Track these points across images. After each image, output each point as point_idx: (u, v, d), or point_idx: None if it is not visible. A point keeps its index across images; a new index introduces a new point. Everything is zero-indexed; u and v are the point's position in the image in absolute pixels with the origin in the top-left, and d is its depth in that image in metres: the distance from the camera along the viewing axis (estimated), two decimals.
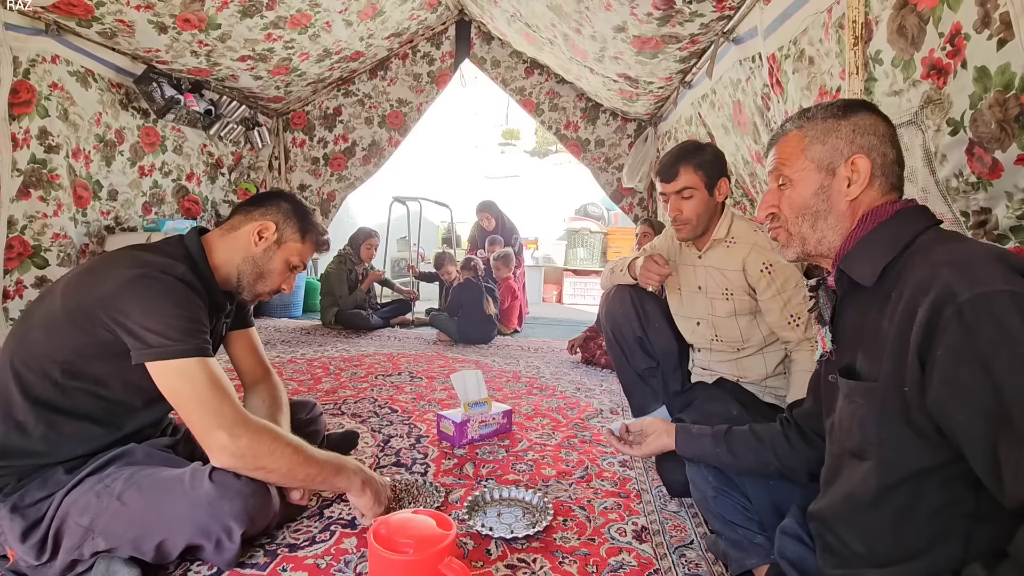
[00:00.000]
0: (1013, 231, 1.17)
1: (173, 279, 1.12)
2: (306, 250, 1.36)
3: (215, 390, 1.09)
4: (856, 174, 0.84)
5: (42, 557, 1.04)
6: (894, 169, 0.86)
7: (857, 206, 0.85)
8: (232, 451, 1.07)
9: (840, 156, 0.86)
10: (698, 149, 1.63)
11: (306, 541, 1.26)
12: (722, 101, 2.66)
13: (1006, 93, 1.03)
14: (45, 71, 2.67)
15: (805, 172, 0.88)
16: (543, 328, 4.72)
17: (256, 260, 1.31)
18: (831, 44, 1.60)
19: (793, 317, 1.56)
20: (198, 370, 1.09)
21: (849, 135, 0.85)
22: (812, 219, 0.88)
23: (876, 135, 0.85)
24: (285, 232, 1.33)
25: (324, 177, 5.07)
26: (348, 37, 3.95)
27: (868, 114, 0.87)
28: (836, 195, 0.86)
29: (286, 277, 1.36)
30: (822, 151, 0.87)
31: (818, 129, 0.88)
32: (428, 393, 2.52)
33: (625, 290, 1.93)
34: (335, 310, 4.17)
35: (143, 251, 1.19)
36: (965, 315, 0.62)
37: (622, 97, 4.02)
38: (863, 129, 0.85)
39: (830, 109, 0.89)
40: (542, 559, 1.22)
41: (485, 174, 9.52)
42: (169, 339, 1.07)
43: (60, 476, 1.08)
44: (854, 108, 0.88)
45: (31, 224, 2.68)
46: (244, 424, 1.09)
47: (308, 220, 1.37)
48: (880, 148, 0.85)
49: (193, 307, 1.13)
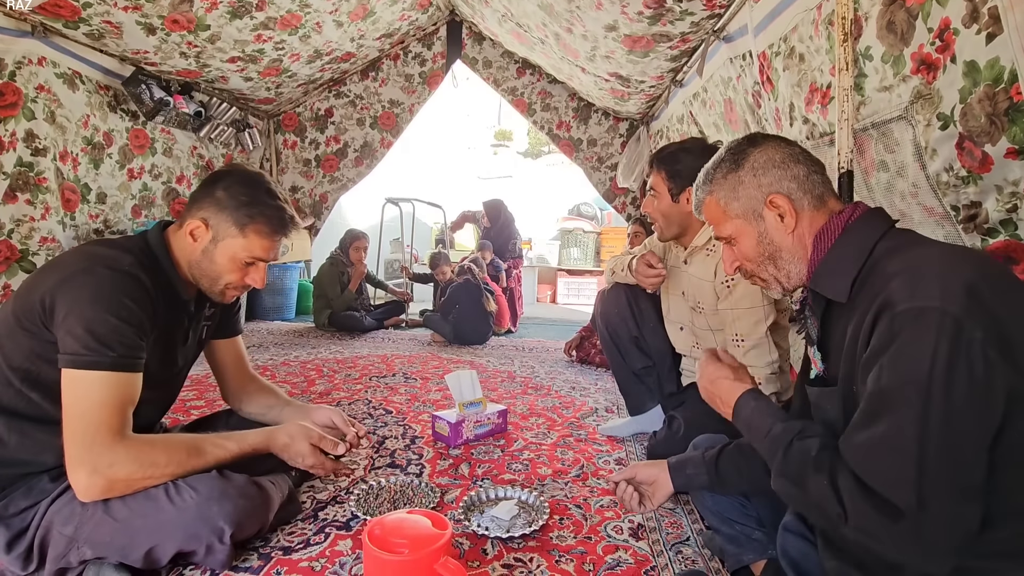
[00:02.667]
0: (1003, 224, 1.17)
1: (117, 273, 1.04)
2: (253, 243, 1.17)
3: (102, 412, 0.99)
4: (780, 209, 0.87)
5: (28, 567, 1.02)
6: (812, 180, 0.88)
7: (802, 234, 0.88)
8: (86, 494, 1.00)
9: (757, 202, 0.89)
10: (673, 157, 1.65)
11: (300, 544, 1.25)
12: (713, 99, 2.67)
13: (995, 87, 1.04)
14: (31, 73, 2.64)
15: (738, 227, 0.92)
16: (538, 328, 4.71)
17: (199, 263, 1.18)
18: (821, 41, 1.60)
19: (737, 336, 1.59)
20: (99, 386, 1.00)
21: (752, 180, 0.89)
22: (771, 262, 0.91)
23: (774, 165, 0.88)
24: (219, 229, 1.16)
25: (316, 179, 5.04)
26: (339, 38, 3.93)
27: (757, 150, 0.90)
28: (776, 233, 0.89)
29: (243, 274, 1.20)
30: (739, 205, 0.90)
31: (725, 188, 0.91)
32: (423, 394, 2.51)
33: (620, 289, 1.93)
34: (328, 312, 4.15)
35: (96, 245, 1.13)
36: (894, 323, 0.66)
37: (614, 96, 4.02)
38: (761, 168, 0.88)
39: (724, 165, 0.92)
40: (539, 558, 1.21)
41: (478, 175, 9.51)
42: (86, 348, 0.99)
43: (45, 485, 1.05)
44: (743, 152, 0.91)
45: (18, 228, 2.64)
46: (110, 464, 0.99)
47: (248, 208, 1.16)
48: (786, 174, 0.87)
49: (127, 309, 1.03)
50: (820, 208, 0.87)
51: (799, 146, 0.91)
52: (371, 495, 1.46)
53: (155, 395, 1.19)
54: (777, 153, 0.88)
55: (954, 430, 0.62)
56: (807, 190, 0.87)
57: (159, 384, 1.20)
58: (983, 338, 0.62)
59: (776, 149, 0.89)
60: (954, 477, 0.62)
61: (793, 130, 1.86)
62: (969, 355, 0.61)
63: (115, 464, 0.99)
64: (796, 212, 0.87)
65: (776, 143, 0.90)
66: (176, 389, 1.35)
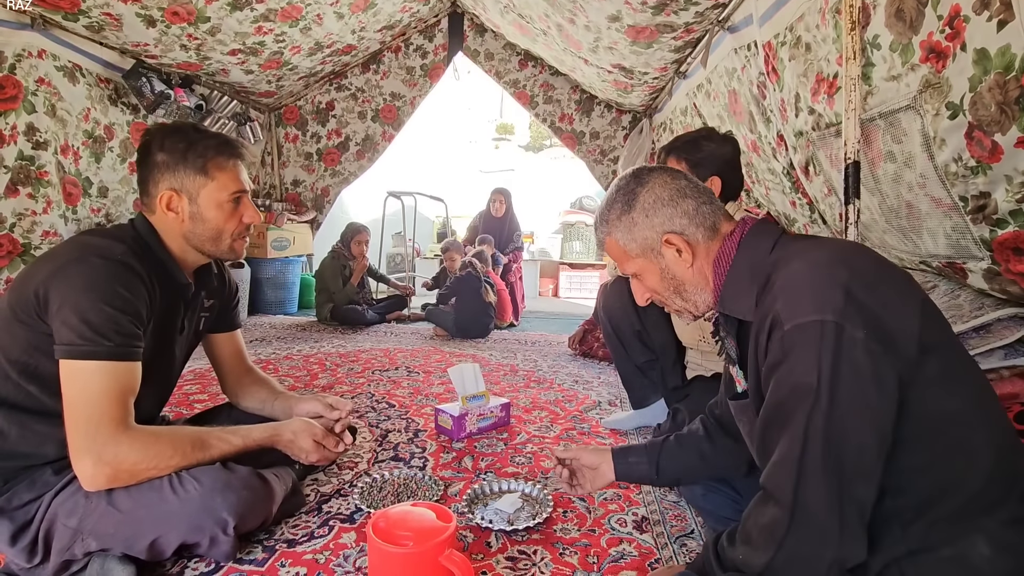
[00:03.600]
0: (1012, 215, 1.16)
1: (110, 262, 1.03)
2: (224, 179, 1.15)
3: (104, 402, 0.99)
4: (676, 246, 0.88)
5: (33, 560, 1.02)
6: (702, 212, 0.88)
7: (701, 266, 0.89)
8: (92, 484, 1.00)
9: (654, 240, 0.89)
10: (695, 145, 1.61)
11: (305, 536, 1.25)
12: (717, 91, 2.65)
13: (1006, 75, 1.02)
14: (31, 66, 2.63)
15: (640, 265, 0.92)
16: (540, 322, 4.71)
17: (193, 231, 1.16)
18: (828, 30, 1.58)
19: None
20: (98, 376, 0.99)
21: (645, 221, 0.89)
22: (676, 294, 0.92)
23: (663, 204, 0.88)
24: (188, 187, 1.13)
25: (318, 172, 5.03)
26: (340, 30, 3.91)
27: (644, 189, 0.90)
28: (677, 268, 0.90)
29: (237, 216, 1.18)
30: (637, 246, 0.91)
31: (621, 230, 0.92)
32: (425, 387, 2.51)
33: (623, 283, 1.92)
34: (330, 306, 4.15)
35: (88, 235, 1.11)
36: (784, 341, 0.71)
37: (617, 88, 3.99)
38: (651, 208, 0.89)
39: (616, 206, 0.92)
40: (543, 550, 1.21)
41: (480, 168, 9.48)
42: (82, 337, 0.98)
43: (48, 477, 1.05)
44: (631, 192, 0.90)
45: (20, 222, 2.64)
46: (115, 454, 0.99)
47: (193, 151, 1.12)
48: (676, 211, 0.88)
49: (121, 298, 1.02)
50: (714, 237, 0.88)
51: (684, 177, 0.91)
52: (375, 488, 1.46)
53: (152, 388, 1.17)
54: (664, 191, 0.89)
55: (839, 425, 0.67)
56: (699, 223, 0.88)
57: (156, 375, 1.18)
58: (864, 335, 0.67)
59: (663, 186, 0.89)
60: (840, 464, 0.67)
61: (799, 121, 1.85)
62: (853, 354, 0.67)
63: (119, 454, 0.99)
64: (691, 247, 0.88)
65: (662, 179, 0.90)
66: (173, 381, 1.33)
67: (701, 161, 1.58)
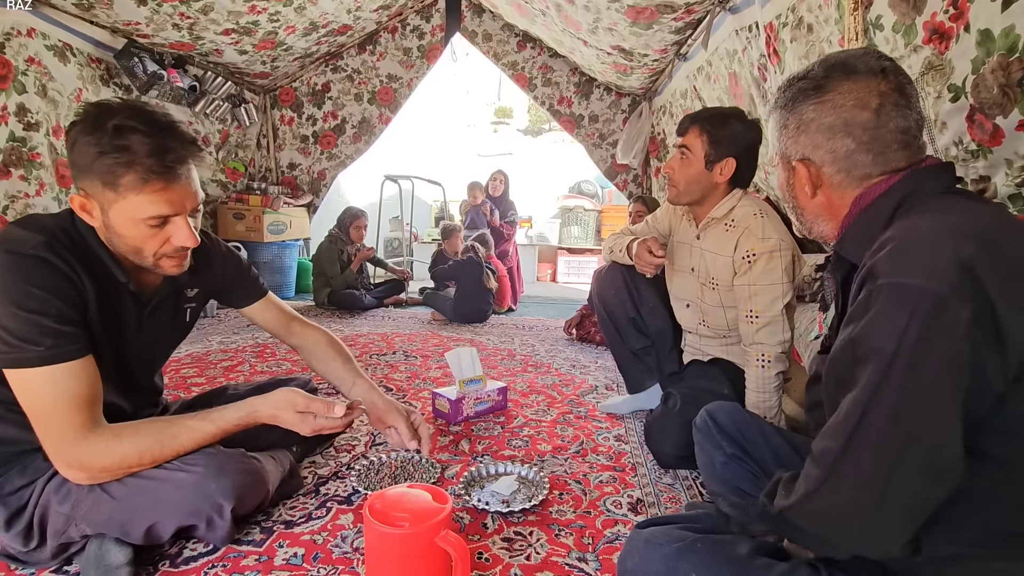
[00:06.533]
0: (1012, 199, 1.16)
1: (18, 257, 0.91)
2: (138, 202, 0.94)
3: (57, 410, 0.93)
4: (805, 173, 0.81)
5: (30, 544, 1.02)
6: (854, 159, 0.76)
7: (827, 200, 0.81)
8: (75, 482, 0.98)
9: (791, 153, 0.82)
10: (723, 121, 1.55)
11: (303, 518, 1.26)
12: (718, 73, 2.62)
13: (1009, 56, 1.01)
14: (21, 45, 2.58)
15: (773, 159, 0.87)
16: (538, 307, 4.71)
17: (111, 241, 1.01)
18: (830, 10, 1.56)
19: (752, 313, 1.53)
20: (41, 383, 0.93)
21: (793, 132, 0.81)
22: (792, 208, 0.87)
23: (821, 128, 0.78)
24: (97, 196, 0.95)
25: (314, 155, 4.98)
26: (335, 9, 3.84)
27: (823, 97, 0.78)
28: (798, 190, 0.84)
29: (163, 236, 1.00)
30: (777, 143, 0.85)
31: (776, 117, 0.85)
32: (423, 372, 2.52)
33: (617, 270, 1.89)
34: (328, 291, 4.14)
35: (13, 224, 0.98)
36: (872, 296, 0.64)
37: (616, 70, 3.95)
38: (807, 123, 0.79)
39: (788, 91, 0.83)
40: (538, 531, 1.22)
41: (478, 152, 9.40)
42: (8, 345, 0.90)
43: (40, 463, 1.03)
44: (806, 93, 0.80)
45: (13, 204, 2.62)
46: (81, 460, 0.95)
47: (102, 161, 0.92)
48: (828, 143, 0.77)
49: (38, 299, 0.91)
50: (857, 185, 0.77)
51: (876, 109, 0.74)
52: (372, 470, 1.47)
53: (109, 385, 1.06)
54: (834, 115, 0.76)
55: (910, 405, 0.60)
56: (840, 168, 0.77)
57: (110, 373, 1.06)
58: (971, 317, 0.58)
59: (837, 110, 0.76)
60: (897, 446, 0.61)
61: None
62: (952, 333, 0.58)
63: (85, 459, 0.96)
64: (822, 181, 0.79)
65: (843, 99, 0.76)
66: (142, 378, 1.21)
67: (723, 139, 1.54)
